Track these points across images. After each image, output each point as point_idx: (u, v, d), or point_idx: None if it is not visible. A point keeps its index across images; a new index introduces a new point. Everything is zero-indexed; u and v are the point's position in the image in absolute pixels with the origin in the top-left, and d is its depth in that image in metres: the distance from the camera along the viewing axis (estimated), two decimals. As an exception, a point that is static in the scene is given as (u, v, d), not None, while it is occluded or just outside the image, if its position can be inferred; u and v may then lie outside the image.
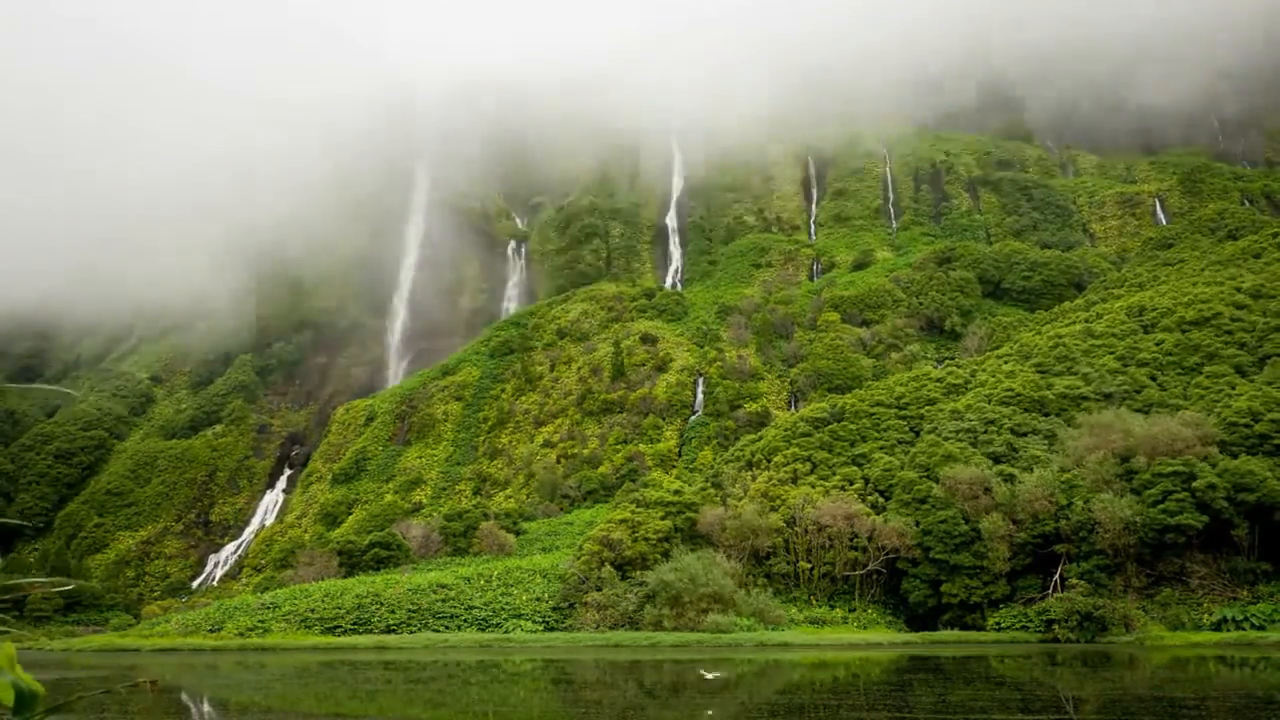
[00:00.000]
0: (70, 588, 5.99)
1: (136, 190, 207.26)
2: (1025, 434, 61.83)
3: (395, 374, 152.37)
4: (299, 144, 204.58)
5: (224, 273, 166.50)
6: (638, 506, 62.64)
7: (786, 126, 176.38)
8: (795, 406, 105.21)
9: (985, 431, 62.03)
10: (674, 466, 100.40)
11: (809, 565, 56.20)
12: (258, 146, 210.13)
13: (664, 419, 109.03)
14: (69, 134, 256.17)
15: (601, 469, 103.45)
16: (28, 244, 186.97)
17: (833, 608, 54.85)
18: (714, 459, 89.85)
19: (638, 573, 56.61)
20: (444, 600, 57.81)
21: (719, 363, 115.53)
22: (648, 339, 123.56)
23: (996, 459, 58.56)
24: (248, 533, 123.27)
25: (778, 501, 60.18)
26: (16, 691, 2.70)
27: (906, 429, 67.21)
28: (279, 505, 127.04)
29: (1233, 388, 59.52)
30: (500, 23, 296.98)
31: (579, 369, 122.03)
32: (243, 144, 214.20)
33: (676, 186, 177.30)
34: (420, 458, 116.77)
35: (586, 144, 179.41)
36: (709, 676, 29.37)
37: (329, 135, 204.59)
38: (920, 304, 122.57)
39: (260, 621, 57.17)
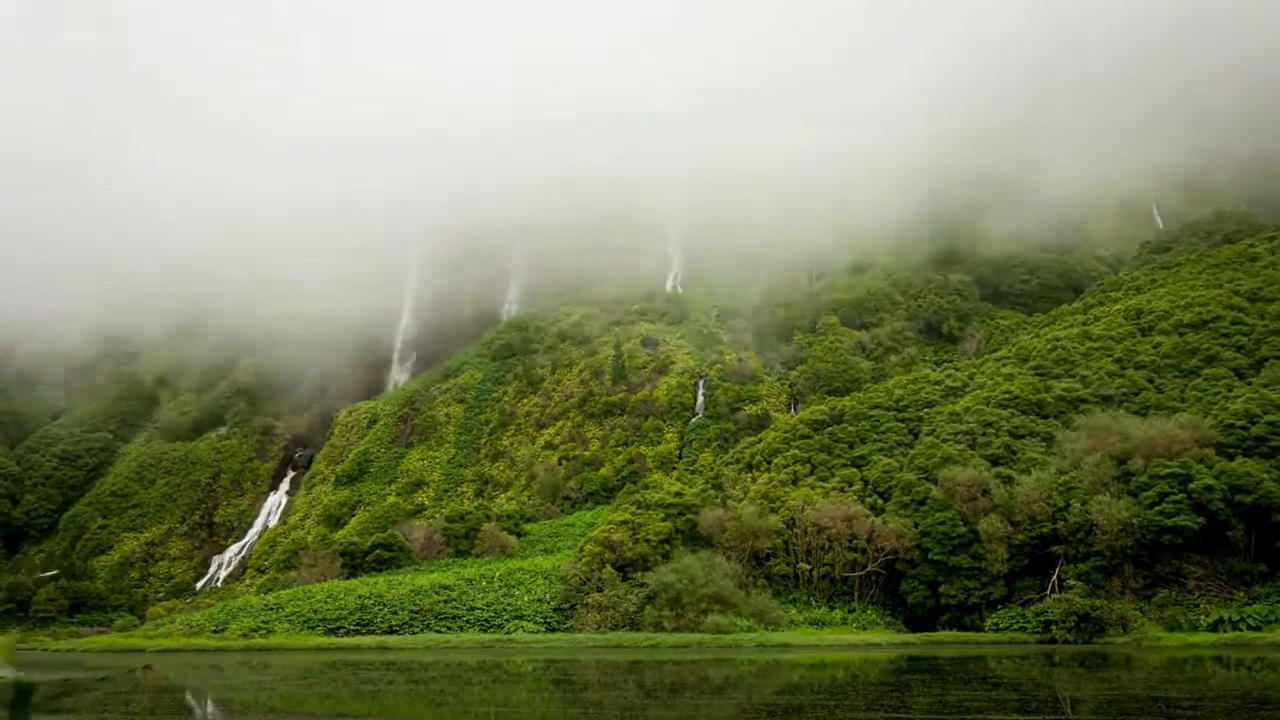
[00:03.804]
0: (54, 572, 6.27)
1: (139, 191, 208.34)
2: (1023, 436, 62.03)
3: (398, 377, 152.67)
4: (303, 147, 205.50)
5: (227, 275, 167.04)
6: (638, 508, 62.91)
7: (784, 128, 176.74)
8: (795, 409, 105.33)
9: (983, 434, 62.24)
10: (674, 468, 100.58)
11: (808, 566, 56.46)
12: (261, 149, 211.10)
13: (665, 421, 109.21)
14: (76, 144, 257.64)
15: (602, 471, 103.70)
16: (32, 247, 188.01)
17: (832, 609, 55.11)
18: (714, 461, 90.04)
19: (638, 574, 56.88)
20: (446, 601, 58.16)
21: (719, 365, 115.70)
22: (648, 342, 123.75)
23: (994, 461, 58.77)
24: (251, 534, 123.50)
25: (777, 503, 60.42)
26: (15, 685, 2.92)
27: (905, 431, 67.45)
28: (282, 507, 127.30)
29: (1229, 390, 59.70)
30: (502, 27, 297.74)
31: (580, 372, 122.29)
32: (246, 147, 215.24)
33: (679, 188, 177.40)
34: (422, 460, 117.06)
35: (589, 146, 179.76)
36: None
37: (333, 139, 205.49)
38: (919, 307, 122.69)
39: (264, 622, 57.52)
